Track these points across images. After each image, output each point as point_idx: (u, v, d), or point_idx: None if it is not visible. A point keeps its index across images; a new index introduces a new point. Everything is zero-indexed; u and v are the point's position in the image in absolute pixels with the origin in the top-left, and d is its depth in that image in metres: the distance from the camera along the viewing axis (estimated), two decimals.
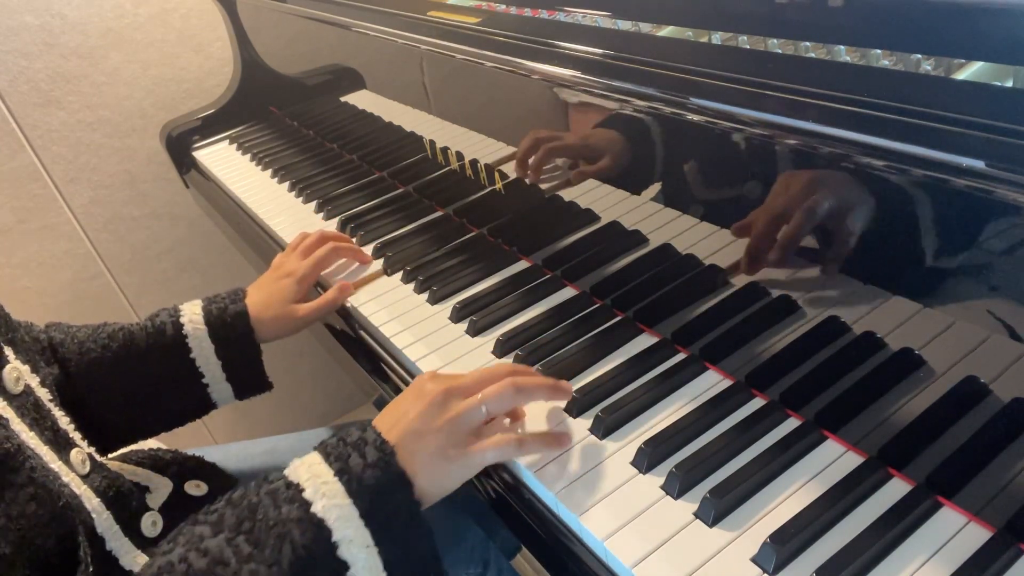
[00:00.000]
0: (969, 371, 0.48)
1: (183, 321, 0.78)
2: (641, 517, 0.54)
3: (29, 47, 1.31)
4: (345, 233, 1.01)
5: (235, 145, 1.41)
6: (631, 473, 0.58)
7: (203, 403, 0.81)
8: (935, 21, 0.47)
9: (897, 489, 0.52)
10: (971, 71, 0.44)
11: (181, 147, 1.43)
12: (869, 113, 0.45)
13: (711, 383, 0.64)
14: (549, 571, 0.58)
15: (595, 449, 0.60)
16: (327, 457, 0.54)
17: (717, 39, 0.59)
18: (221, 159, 1.37)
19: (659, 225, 0.67)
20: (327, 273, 0.93)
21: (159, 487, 0.71)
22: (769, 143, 0.52)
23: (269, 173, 1.26)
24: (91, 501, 0.59)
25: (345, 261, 0.95)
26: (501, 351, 0.73)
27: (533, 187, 0.81)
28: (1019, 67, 0.42)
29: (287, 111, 1.43)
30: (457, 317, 0.79)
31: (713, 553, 0.51)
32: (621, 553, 0.52)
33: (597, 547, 0.54)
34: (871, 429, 0.54)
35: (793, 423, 0.59)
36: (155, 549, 0.52)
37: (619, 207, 0.71)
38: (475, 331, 0.77)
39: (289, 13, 1.18)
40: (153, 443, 0.86)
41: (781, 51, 0.55)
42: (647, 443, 0.58)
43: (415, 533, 0.54)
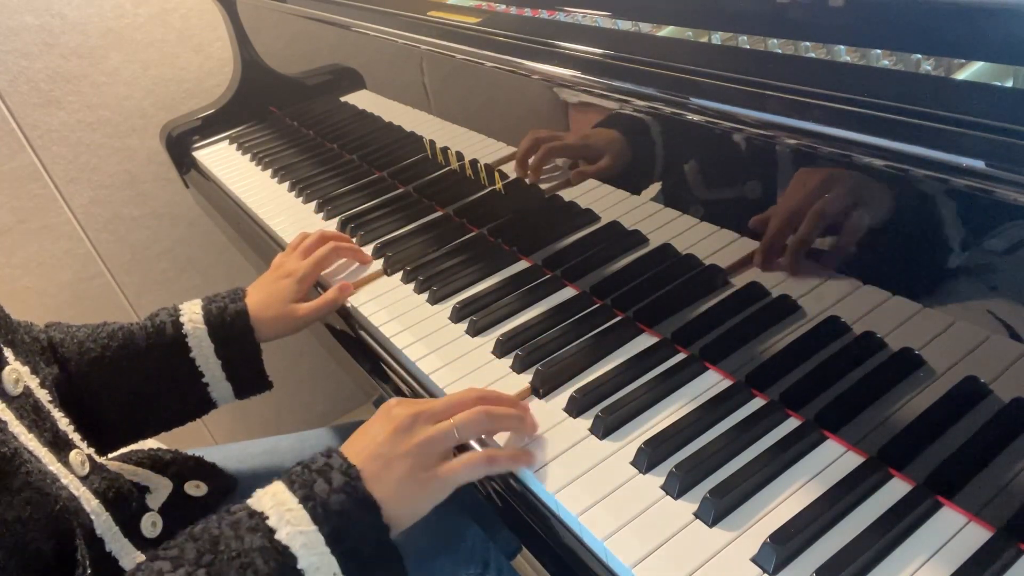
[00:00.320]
0: (969, 371, 0.48)
1: (183, 320, 0.78)
2: (641, 517, 0.54)
3: (29, 47, 1.31)
4: (345, 233, 1.01)
5: (235, 145, 1.41)
6: (631, 473, 0.58)
7: (203, 402, 0.81)
8: (935, 21, 0.47)
9: (897, 489, 0.52)
10: (971, 71, 0.44)
11: (181, 147, 1.43)
12: (869, 113, 0.45)
13: (711, 383, 0.64)
14: (549, 571, 0.58)
15: (595, 449, 0.60)
16: (291, 484, 0.53)
17: (717, 39, 0.59)
18: (221, 159, 1.37)
19: (659, 225, 0.67)
20: (327, 273, 0.93)
21: (159, 487, 0.71)
22: (769, 143, 0.52)
23: (269, 173, 1.26)
24: (90, 503, 0.59)
25: (345, 261, 0.95)
26: (501, 351, 0.73)
27: (533, 187, 0.80)
28: (1019, 67, 0.42)
29: (287, 111, 1.43)
30: (457, 317, 0.80)
31: (713, 553, 0.51)
32: (621, 553, 0.52)
33: (597, 547, 0.54)
34: (871, 429, 0.54)
35: (793, 423, 0.59)
36: (155, 551, 0.52)
37: (619, 207, 0.71)
38: (475, 331, 0.77)
39: (289, 13, 1.18)
40: (153, 443, 0.86)
41: (781, 51, 0.55)
42: (647, 443, 0.58)
43: (384, 559, 0.53)
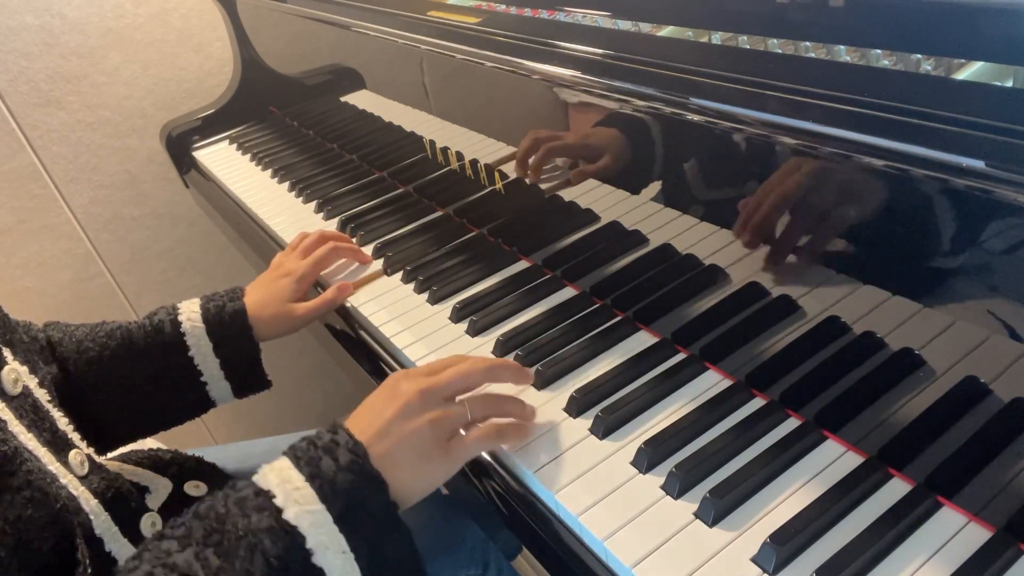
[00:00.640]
0: (969, 371, 0.48)
1: (181, 319, 0.78)
2: (641, 517, 0.54)
3: (29, 47, 1.31)
4: (345, 233, 1.01)
5: (235, 145, 1.41)
6: (631, 473, 0.58)
7: (202, 401, 0.81)
8: (935, 21, 0.47)
9: (897, 489, 0.52)
10: (971, 71, 0.44)
11: (181, 147, 1.43)
12: (869, 113, 0.45)
13: (711, 383, 0.64)
14: (549, 572, 0.58)
15: (595, 449, 0.60)
16: (297, 462, 0.53)
17: (717, 39, 0.59)
18: (221, 159, 1.37)
19: (659, 225, 0.67)
20: (327, 273, 0.93)
21: (158, 488, 0.71)
22: (769, 143, 0.52)
23: (269, 173, 1.26)
24: (89, 503, 0.59)
25: (345, 261, 0.95)
26: (501, 351, 0.73)
27: (533, 187, 0.80)
28: (1019, 67, 0.42)
29: (287, 111, 1.43)
30: (457, 317, 0.79)
31: (713, 553, 0.51)
32: (621, 553, 0.52)
33: (597, 547, 0.54)
34: (871, 429, 0.54)
35: (793, 423, 0.59)
36: (161, 530, 0.52)
37: (619, 207, 0.71)
38: (475, 331, 0.77)
39: (289, 13, 1.18)
40: (153, 443, 0.86)
41: (781, 51, 0.55)
42: (647, 443, 0.58)
43: (393, 536, 0.53)
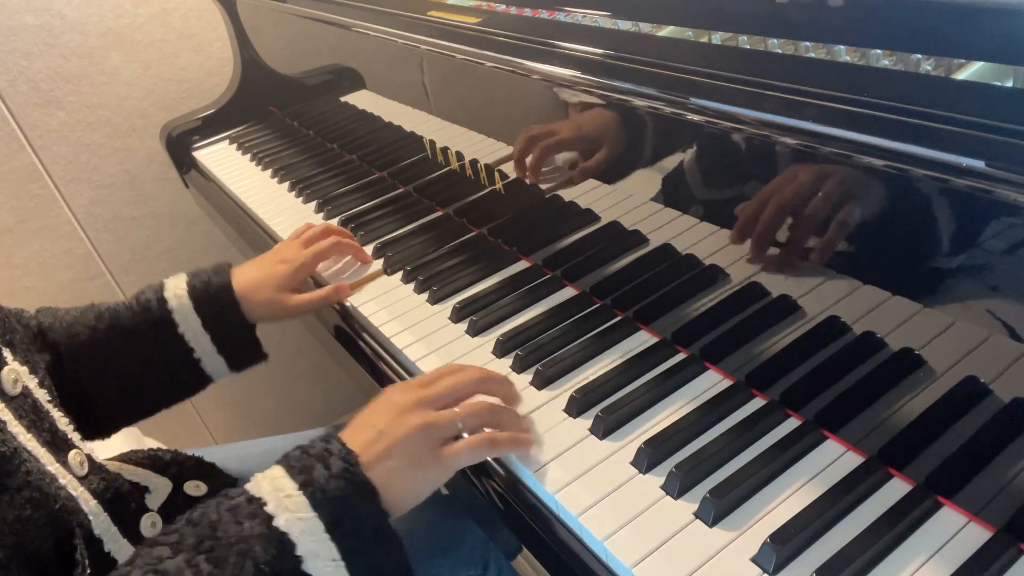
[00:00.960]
0: (969, 371, 0.48)
1: (167, 296, 0.78)
2: (641, 517, 0.54)
3: (29, 47, 1.31)
4: None
5: (235, 145, 1.41)
6: (631, 473, 0.58)
7: (198, 377, 0.81)
8: (935, 21, 0.47)
9: (897, 489, 0.52)
10: (971, 71, 0.44)
11: (181, 147, 1.43)
12: (869, 113, 0.45)
13: (711, 383, 0.64)
14: (549, 572, 0.58)
15: (595, 449, 0.60)
16: (290, 470, 0.53)
17: (717, 39, 0.59)
18: (221, 159, 1.37)
19: (659, 225, 0.67)
20: (328, 274, 0.93)
21: (158, 488, 0.71)
22: (769, 143, 0.52)
23: (269, 173, 1.26)
24: (89, 503, 0.59)
25: (346, 262, 0.95)
26: (501, 351, 0.73)
27: (533, 187, 0.80)
28: (1019, 67, 0.42)
29: (287, 111, 1.43)
30: (457, 317, 0.79)
31: (713, 553, 0.51)
32: (621, 553, 0.52)
33: (597, 547, 0.54)
34: (871, 429, 0.54)
35: (793, 423, 0.59)
36: (154, 536, 0.52)
37: (619, 207, 0.71)
38: (475, 331, 0.77)
39: (289, 13, 1.18)
40: (153, 443, 0.86)
41: (781, 51, 0.55)
42: (647, 443, 0.58)
43: (384, 545, 0.53)
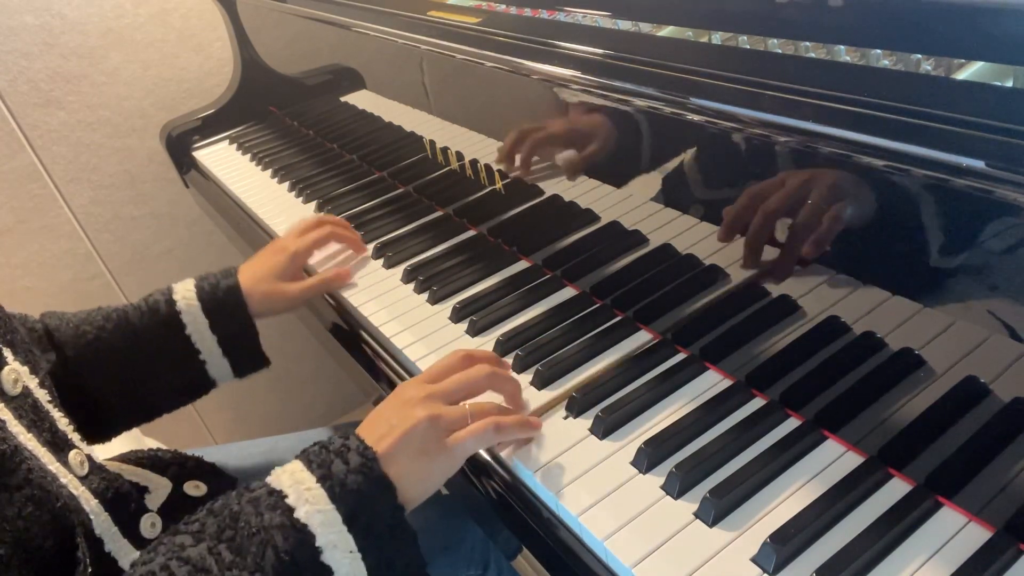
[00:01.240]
0: (969, 371, 0.48)
1: (176, 298, 0.79)
2: (641, 517, 0.54)
3: (29, 47, 1.31)
4: None
5: (235, 145, 1.41)
6: (631, 473, 0.58)
7: (202, 380, 0.82)
8: (935, 21, 0.47)
9: (897, 489, 0.52)
10: (971, 71, 0.44)
11: (181, 147, 1.43)
12: (869, 113, 0.45)
13: (711, 383, 0.64)
14: (549, 572, 0.58)
15: (595, 449, 0.60)
16: (309, 464, 0.54)
17: (717, 39, 0.59)
18: (221, 159, 1.37)
19: (659, 225, 0.67)
20: (326, 268, 0.93)
21: (158, 488, 0.71)
22: (769, 143, 0.52)
23: (269, 173, 1.26)
24: (89, 503, 0.59)
25: (345, 257, 0.95)
26: (501, 351, 0.73)
27: (533, 187, 0.80)
28: (1019, 67, 0.42)
29: (287, 111, 1.43)
30: (457, 317, 0.79)
31: (713, 553, 0.51)
32: (621, 553, 0.52)
33: (597, 547, 0.54)
34: (871, 429, 0.54)
35: (793, 423, 0.59)
36: (176, 525, 0.53)
37: (619, 207, 0.71)
38: (475, 331, 0.77)
39: (289, 13, 1.18)
40: (153, 443, 0.86)
41: (781, 51, 0.55)
42: (647, 443, 0.58)
43: (399, 538, 0.54)
